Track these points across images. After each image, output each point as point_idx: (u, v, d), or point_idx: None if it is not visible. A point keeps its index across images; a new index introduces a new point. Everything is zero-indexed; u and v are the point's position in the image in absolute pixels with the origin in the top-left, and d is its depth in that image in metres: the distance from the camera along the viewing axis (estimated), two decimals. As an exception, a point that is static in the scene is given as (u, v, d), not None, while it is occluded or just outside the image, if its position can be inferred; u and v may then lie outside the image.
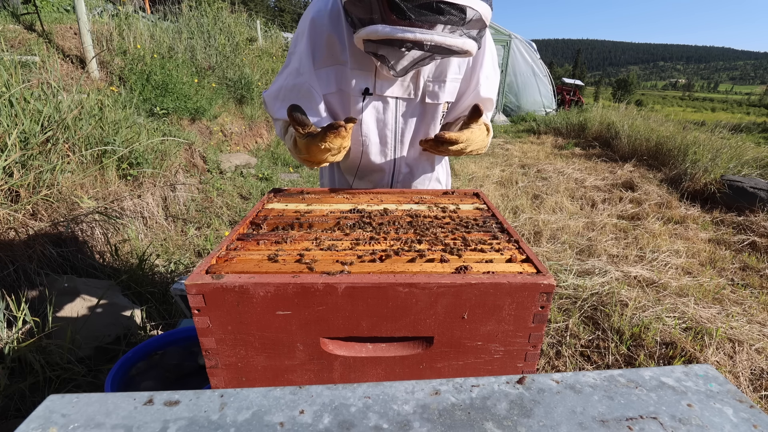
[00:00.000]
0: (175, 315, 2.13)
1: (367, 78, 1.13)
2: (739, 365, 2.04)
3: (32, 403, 1.57)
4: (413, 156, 1.29)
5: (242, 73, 6.32)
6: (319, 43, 1.10)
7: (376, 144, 1.23)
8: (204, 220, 3.37)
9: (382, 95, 1.16)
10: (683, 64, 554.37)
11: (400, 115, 1.21)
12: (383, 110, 1.19)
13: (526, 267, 0.73)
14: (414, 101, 1.19)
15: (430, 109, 1.20)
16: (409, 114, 1.21)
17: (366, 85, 1.13)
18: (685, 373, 0.53)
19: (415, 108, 1.21)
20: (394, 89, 1.16)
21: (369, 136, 1.21)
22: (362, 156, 1.25)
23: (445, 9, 0.88)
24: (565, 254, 3.16)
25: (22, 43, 3.80)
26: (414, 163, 1.31)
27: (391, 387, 0.49)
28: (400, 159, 1.27)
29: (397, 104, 1.19)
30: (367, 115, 1.18)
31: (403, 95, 1.17)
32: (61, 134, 2.51)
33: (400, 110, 1.20)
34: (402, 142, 1.25)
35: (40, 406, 0.45)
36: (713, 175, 4.72)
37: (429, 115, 1.21)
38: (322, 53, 1.11)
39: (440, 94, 1.18)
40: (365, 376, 0.73)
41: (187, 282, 0.64)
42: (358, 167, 1.29)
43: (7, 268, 1.90)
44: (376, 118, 1.19)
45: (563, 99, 15.02)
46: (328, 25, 1.07)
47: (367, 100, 1.15)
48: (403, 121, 1.22)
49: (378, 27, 0.91)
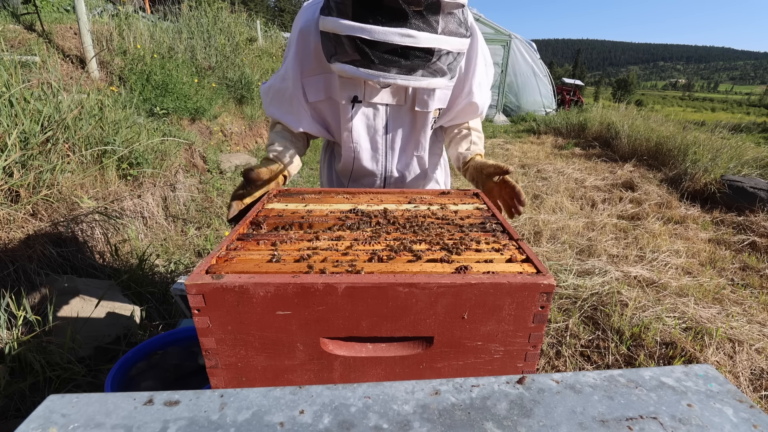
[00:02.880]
0: (175, 315, 2.13)
1: (355, 86, 1.14)
2: (739, 365, 2.04)
3: (32, 403, 1.57)
4: (405, 162, 1.30)
5: (242, 73, 6.32)
6: (306, 53, 1.13)
7: (367, 150, 1.24)
8: (204, 220, 3.37)
9: (372, 102, 1.17)
10: (683, 64, 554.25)
11: (390, 122, 1.22)
12: (373, 117, 1.20)
13: (526, 267, 0.73)
14: (404, 108, 1.20)
15: (420, 116, 1.21)
16: (399, 121, 1.22)
17: (355, 92, 1.15)
18: (685, 373, 0.53)
19: (405, 115, 1.22)
20: (383, 96, 1.17)
21: (360, 142, 1.22)
22: (354, 162, 1.27)
23: (410, 53, 0.88)
24: (565, 254, 3.16)
25: (22, 43, 3.80)
26: (405, 168, 1.32)
27: (391, 387, 0.49)
28: (391, 165, 1.29)
29: (387, 111, 1.20)
30: (357, 123, 1.19)
31: (392, 102, 1.19)
32: (61, 134, 2.51)
33: (390, 117, 1.21)
34: (393, 149, 1.26)
35: (40, 406, 0.45)
36: (713, 175, 4.72)
37: (419, 122, 1.22)
38: (310, 63, 1.14)
39: (430, 102, 1.18)
40: (365, 376, 0.73)
41: (187, 282, 0.64)
42: (351, 172, 1.31)
43: (7, 268, 1.90)
44: (366, 125, 1.21)
45: (563, 99, 15.02)
46: (315, 35, 1.08)
47: (356, 107, 1.17)
48: (394, 128, 1.23)
49: (346, 67, 0.92)
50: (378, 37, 0.85)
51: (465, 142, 1.27)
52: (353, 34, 0.86)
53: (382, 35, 0.84)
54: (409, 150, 1.28)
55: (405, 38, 0.84)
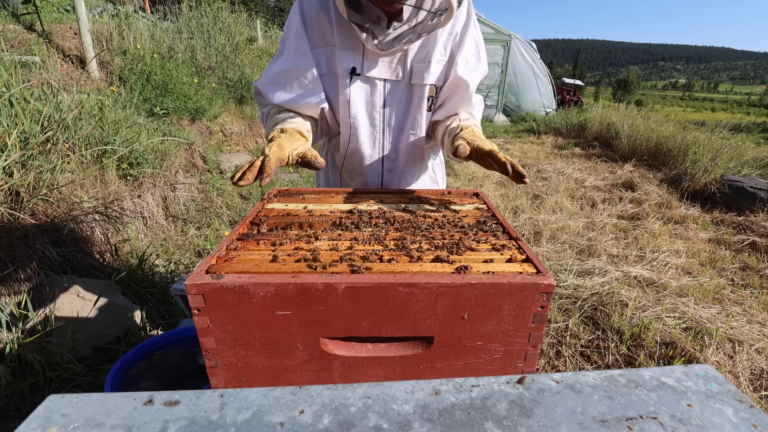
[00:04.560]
0: (175, 315, 2.13)
1: (354, 58, 1.14)
2: (739, 365, 2.04)
3: (32, 403, 1.57)
4: (401, 140, 1.29)
5: (242, 73, 6.33)
6: (310, 24, 1.13)
7: (365, 126, 1.24)
8: (204, 220, 3.37)
9: (370, 76, 1.17)
10: (683, 64, 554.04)
11: (387, 99, 1.22)
12: (371, 92, 1.20)
13: (526, 267, 0.73)
14: (401, 83, 1.20)
15: (417, 91, 1.21)
16: (397, 96, 1.22)
17: (353, 64, 1.14)
18: (685, 373, 0.53)
19: (403, 90, 1.22)
20: (381, 70, 1.17)
21: (357, 117, 1.21)
22: (350, 140, 1.25)
23: None
24: (565, 254, 3.16)
25: (22, 43, 3.80)
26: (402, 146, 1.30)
27: (391, 387, 0.49)
28: (388, 143, 1.29)
29: (384, 86, 1.20)
30: (355, 96, 1.18)
31: (390, 77, 1.18)
32: (61, 134, 2.51)
33: (388, 92, 1.21)
34: (389, 125, 1.26)
35: (40, 406, 0.45)
36: (713, 175, 4.72)
37: (416, 97, 1.22)
38: (314, 34, 1.14)
39: (425, 75, 1.18)
40: (365, 376, 0.73)
41: (187, 282, 0.64)
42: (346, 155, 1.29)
43: (7, 268, 1.90)
44: (364, 100, 1.20)
45: (563, 99, 15.02)
46: (317, 5, 1.10)
47: (355, 80, 1.16)
48: (391, 104, 1.23)
49: None
50: None
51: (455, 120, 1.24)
52: None
53: None
54: (405, 128, 1.28)
55: None
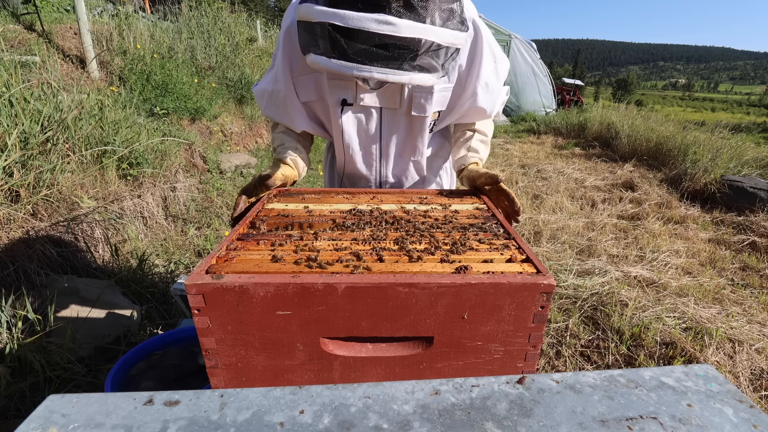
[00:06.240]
0: (175, 315, 2.13)
1: (346, 88, 1.08)
2: (739, 365, 2.04)
3: (32, 403, 1.57)
4: (401, 167, 1.23)
5: (242, 73, 6.33)
6: (294, 52, 1.07)
7: (359, 155, 1.19)
8: (204, 220, 3.37)
9: (364, 106, 1.10)
10: (683, 64, 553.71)
11: (384, 127, 1.15)
12: (365, 121, 1.13)
13: (526, 267, 0.73)
14: (399, 111, 1.13)
15: (416, 121, 1.14)
16: (394, 125, 1.15)
17: (344, 96, 1.08)
18: (685, 373, 0.53)
19: (401, 119, 1.14)
20: (377, 99, 1.10)
21: (351, 145, 1.16)
22: (346, 165, 1.22)
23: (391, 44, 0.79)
24: (565, 254, 3.16)
25: (22, 43, 3.80)
26: (401, 174, 1.25)
27: (391, 387, 0.49)
28: (386, 171, 1.23)
29: (381, 114, 1.13)
30: (347, 125, 1.13)
31: (387, 105, 1.12)
32: (61, 134, 2.51)
33: (385, 120, 1.14)
34: (387, 154, 1.19)
35: (40, 406, 0.45)
36: (713, 175, 4.72)
37: (416, 127, 1.15)
38: (299, 63, 1.08)
39: (427, 106, 1.10)
40: (365, 376, 0.73)
41: (187, 282, 0.64)
42: (344, 175, 1.28)
43: (7, 268, 1.90)
44: (357, 128, 1.15)
45: (563, 99, 15.02)
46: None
47: (347, 109, 1.10)
48: (388, 133, 1.16)
49: (319, 58, 0.86)
50: (352, 24, 0.77)
51: (464, 148, 1.20)
52: (326, 20, 0.79)
53: (357, 21, 0.76)
54: (405, 155, 1.21)
55: (383, 26, 0.76)
